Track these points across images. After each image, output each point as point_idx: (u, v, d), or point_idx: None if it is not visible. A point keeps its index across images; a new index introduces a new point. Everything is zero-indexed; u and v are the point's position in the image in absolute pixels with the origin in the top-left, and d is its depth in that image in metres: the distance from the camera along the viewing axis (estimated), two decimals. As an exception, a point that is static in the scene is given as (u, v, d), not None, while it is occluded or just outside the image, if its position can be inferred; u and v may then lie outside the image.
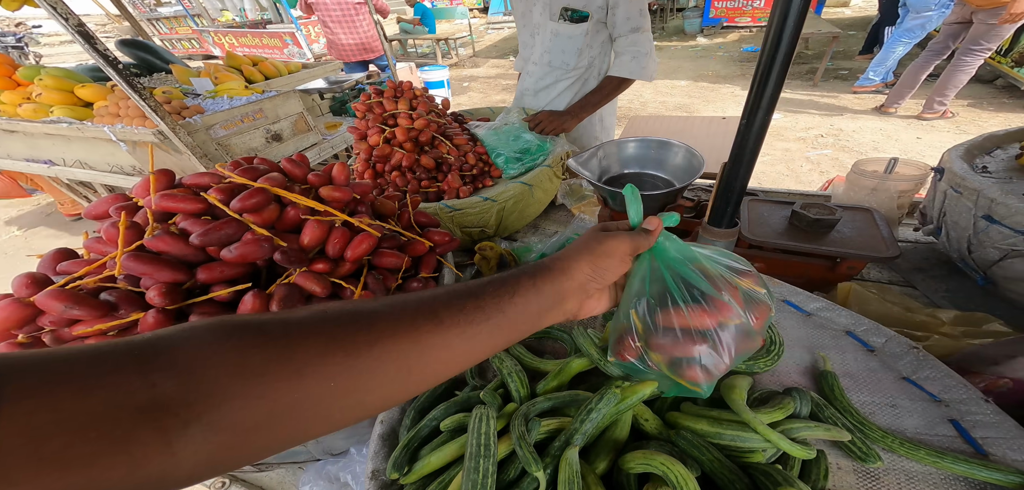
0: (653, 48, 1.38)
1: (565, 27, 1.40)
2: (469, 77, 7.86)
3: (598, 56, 1.49)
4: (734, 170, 0.62)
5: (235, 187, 0.62)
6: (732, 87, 5.54)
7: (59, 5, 1.23)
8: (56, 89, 1.84)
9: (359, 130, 1.33)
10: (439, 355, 0.33)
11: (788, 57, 0.52)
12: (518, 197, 1.21)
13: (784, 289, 0.70)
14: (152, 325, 0.54)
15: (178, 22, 9.52)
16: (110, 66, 1.35)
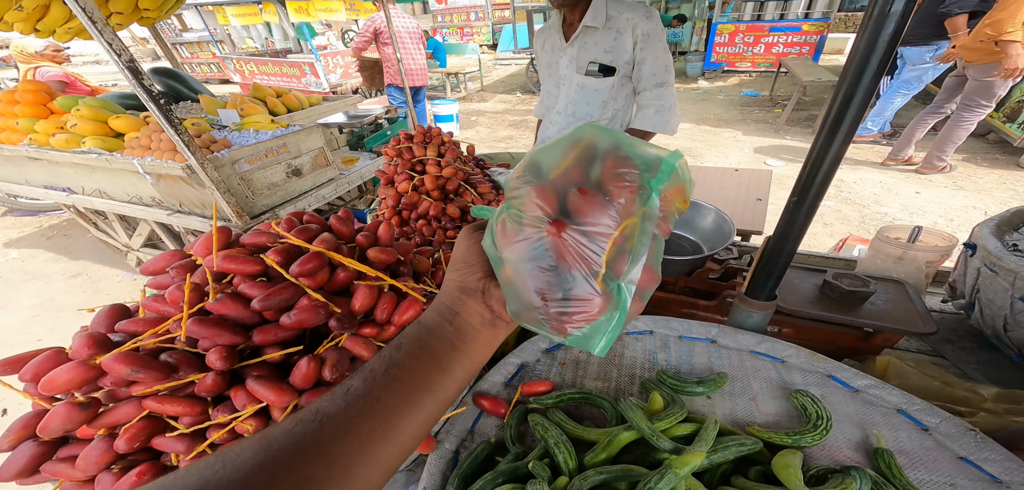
0: (676, 103, 1.44)
1: (591, 80, 1.46)
2: (477, 111, 8.10)
3: (622, 108, 1.55)
4: (779, 246, 0.63)
5: (291, 248, 0.63)
6: (734, 132, 5.70)
7: (114, 42, 1.29)
8: (91, 120, 1.90)
9: (387, 174, 1.36)
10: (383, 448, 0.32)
11: (847, 140, 0.53)
12: None
13: (828, 364, 0.70)
14: (210, 386, 0.54)
15: (201, 47, 9.91)
16: (152, 101, 1.40)
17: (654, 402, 0.66)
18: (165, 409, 0.53)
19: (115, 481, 0.52)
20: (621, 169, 0.27)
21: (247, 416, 0.54)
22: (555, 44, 1.54)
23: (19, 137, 2.06)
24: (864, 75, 0.48)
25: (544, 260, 0.30)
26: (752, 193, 1.78)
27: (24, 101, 2.05)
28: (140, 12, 2.08)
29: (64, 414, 0.51)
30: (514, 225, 0.31)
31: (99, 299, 3.14)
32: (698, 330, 0.80)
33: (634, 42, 1.36)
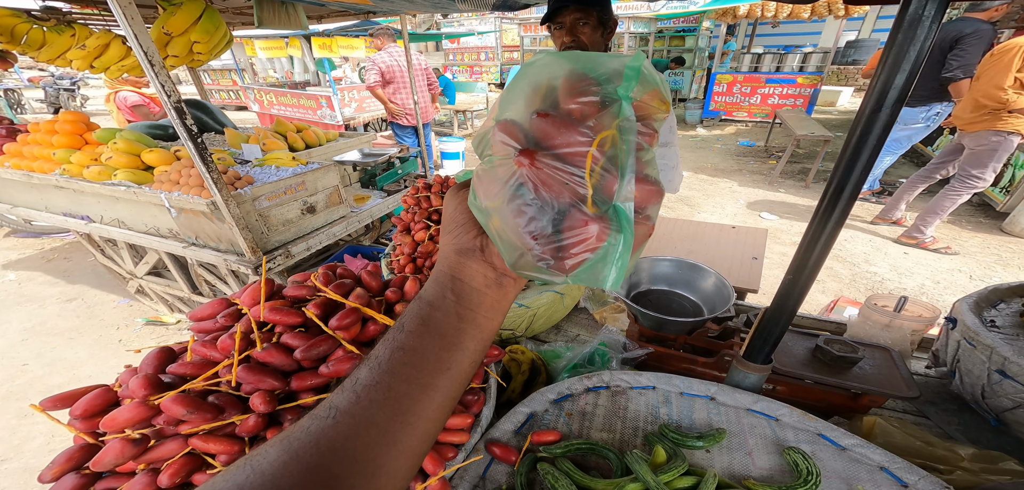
0: (680, 163, 1.54)
1: None
2: (481, 151, 8.37)
3: None
4: (776, 317, 0.70)
5: (327, 301, 0.70)
6: (730, 182, 5.89)
7: (166, 84, 1.40)
8: (126, 153, 2.01)
9: (404, 222, 1.44)
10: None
11: (840, 224, 0.58)
12: (550, 305, 1.27)
13: (818, 424, 0.75)
14: (251, 428, 0.59)
15: (222, 74, 10.33)
16: (191, 141, 1.50)
17: (657, 455, 0.71)
18: (208, 447, 0.57)
19: None
20: (579, 86, 0.26)
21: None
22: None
23: (53, 166, 2.17)
24: (854, 168, 0.55)
25: (525, 197, 0.27)
26: (748, 251, 1.86)
27: (62, 131, 2.18)
28: (193, 56, 2.24)
29: (118, 450, 0.55)
30: (489, 172, 0.29)
31: (93, 324, 3.15)
32: (698, 387, 0.85)
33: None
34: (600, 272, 0.27)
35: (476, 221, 0.34)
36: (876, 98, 0.51)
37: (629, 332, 1.16)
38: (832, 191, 0.58)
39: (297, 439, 0.29)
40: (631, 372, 0.92)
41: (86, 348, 2.90)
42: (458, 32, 13.08)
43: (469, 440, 0.76)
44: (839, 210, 0.58)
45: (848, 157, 0.55)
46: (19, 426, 2.29)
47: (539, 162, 0.26)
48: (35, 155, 2.22)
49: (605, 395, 0.89)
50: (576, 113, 0.26)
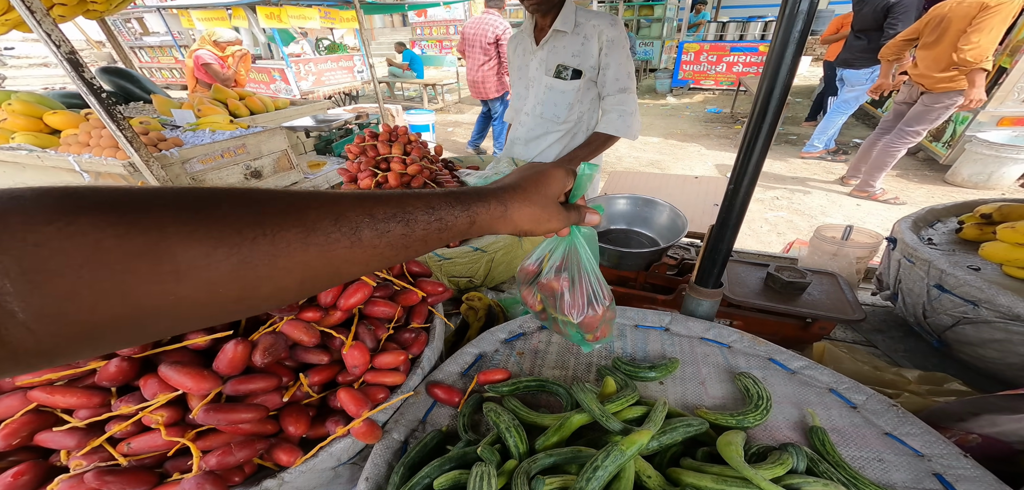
0: (637, 109, 1.50)
1: (558, 83, 1.50)
2: (454, 123, 8.11)
3: (587, 112, 1.59)
4: (721, 233, 0.66)
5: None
6: (698, 146, 6.00)
7: (53, 32, 1.20)
8: (24, 115, 1.75)
9: (350, 172, 1.33)
10: (343, 254, 0.31)
11: (772, 130, 0.57)
12: (508, 248, 1.23)
13: (769, 348, 0.73)
14: (112, 374, 0.49)
15: (163, 51, 9.44)
16: (92, 94, 1.31)
17: (607, 386, 0.67)
18: (57, 400, 0.47)
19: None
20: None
21: (157, 406, 0.49)
22: (526, 48, 1.58)
23: None
24: (782, 65, 0.53)
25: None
26: (710, 198, 1.87)
27: None
28: (86, 5, 1.96)
29: None
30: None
31: None
32: (652, 319, 0.82)
33: (599, 47, 1.42)
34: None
35: (555, 213, 0.50)
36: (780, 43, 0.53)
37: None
38: (764, 91, 0.56)
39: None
40: (585, 308, 0.88)
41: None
42: (425, 3, 12.39)
43: (404, 381, 0.69)
44: (773, 105, 0.55)
45: (777, 49, 0.53)
46: None
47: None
48: None
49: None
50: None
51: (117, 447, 0.49)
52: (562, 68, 1.48)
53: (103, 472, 0.46)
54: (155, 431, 0.49)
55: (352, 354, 0.63)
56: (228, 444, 0.50)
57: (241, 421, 0.51)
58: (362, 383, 0.67)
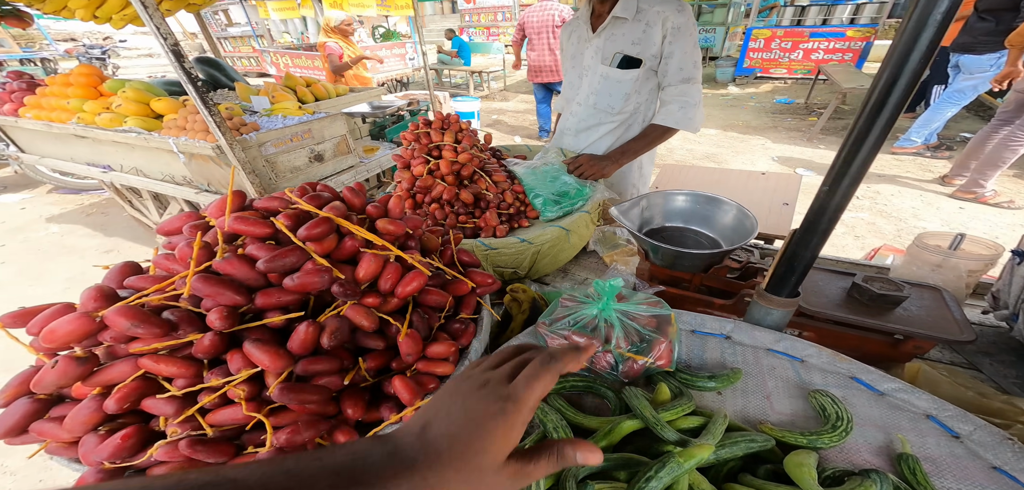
0: (701, 100, 1.38)
1: (616, 72, 1.43)
2: (498, 110, 8.12)
3: (644, 103, 1.51)
4: (805, 239, 0.59)
5: (301, 213, 0.64)
6: (762, 139, 5.49)
7: (161, 26, 1.36)
8: (135, 101, 2.01)
9: (404, 158, 1.38)
10: None
11: (889, 126, 0.49)
12: (555, 242, 1.20)
13: (852, 366, 0.65)
14: (207, 348, 0.55)
15: (243, 41, 10.40)
16: (190, 83, 1.47)
17: (661, 392, 0.64)
18: (160, 369, 0.53)
19: (99, 443, 0.52)
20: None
21: (240, 381, 0.54)
22: (581, 35, 1.52)
23: (69, 116, 2.21)
24: (914, 51, 0.45)
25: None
26: (779, 197, 1.70)
27: (77, 83, 2.21)
28: (190, 3, 2.18)
29: (60, 369, 0.51)
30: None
31: None
32: (712, 325, 0.76)
33: (663, 35, 1.32)
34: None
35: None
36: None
37: (639, 271, 1.07)
38: (887, 76, 0.47)
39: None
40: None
41: (121, 297, 3.07)
42: (475, -11, 12.41)
43: (453, 372, 0.71)
44: (896, 97, 0.47)
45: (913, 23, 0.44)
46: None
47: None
48: (53, 106, 2.27)
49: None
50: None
51: (205, 418, 0.54)
52: (621, 57, 1.40)
53: (194, 442, 0.52)
54: (237, 405, 0.54)
55: (407, 342, 0.65)
56: (296, 423, 0.54)
57: (309, 401, 0.55)
58: (414, 371, 0.69)
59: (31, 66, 7.64)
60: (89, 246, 3.71)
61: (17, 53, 7.48)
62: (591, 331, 0.73)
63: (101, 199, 4.56)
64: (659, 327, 0.72)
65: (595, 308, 0.75)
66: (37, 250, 3.65)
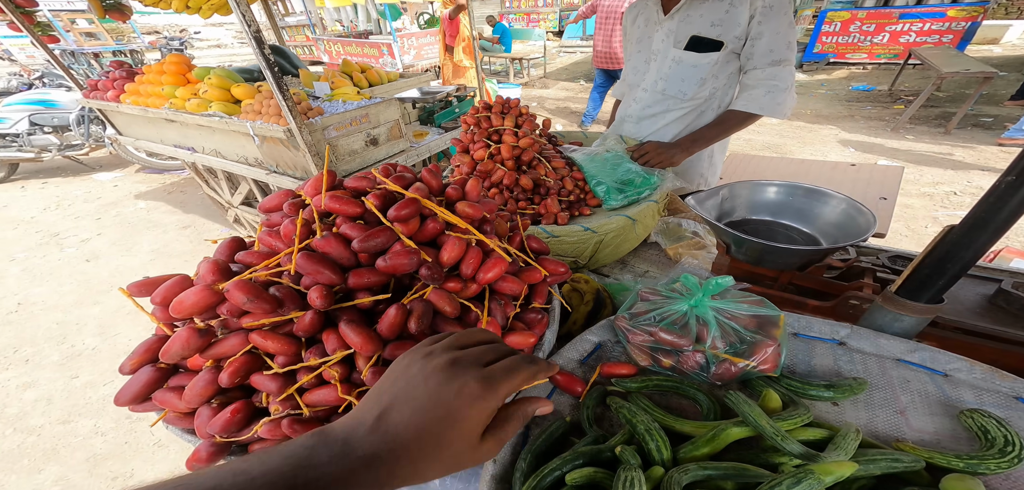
0: (793, 84, 1.24)
1: (690, 56, 1.32)
2: (538, 98, 7.99)
3: (722, 88, 1.38)
4: (969, 238, 0.50)
5: (387, 193, 0.64)
6: (833, 128, 4.97)
7: (247, 13, 1.44)
8: (218, 87, 2.18)
9: (463, 142, 1.37)
10: None
11: None
12: (619, 232, 1.15)
13: (1017, 384, 0.55)
14: (307, 326, 0.56)
15: (298, 30, 11.03)
16: (268, 69, 1.55)
17: (769, 399, 0.57)
18: (267, 344, 0.55)
19: (212, 415, 0.55)
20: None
21: (334, 362, 0.55)
22: (650, 17, 1.42)
23: (162, 102, 2.43)
24: None
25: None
26: (873, 191, 1.50)
27: (169, 71, 2.43)
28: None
29: (185, 338, 0.53)
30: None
31: (202, 249, 3.63)
32: (821, 329, 0.68)
33: (751, 14, 1.20)
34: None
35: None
36: None
37: (717, 266, 0.99)
38: None
39: None
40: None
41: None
42: (518, -27, 12.19)
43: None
44: None
45: None
46: (145, 336, 2.73)
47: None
48: (148, 93, 2.51)
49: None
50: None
51: (302, 397, 0.56)
52: (698, 39, 1.28)
53: (293, 420, 0.53)
54: (331, 386, 0.55)
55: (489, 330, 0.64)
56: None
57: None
58: (492, 356, 0.68)
59: (122, 57, 8.61)
60: (170, 221, 4.12)
61: (111, 46, 8.44)
62: (680, 329, 0.68)
63: (180, 179, 5.05)
64: (761, 328, 0.65)
65: (685, 304, 0.69)
66: (127, 223, 4.11)
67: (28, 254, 3.70)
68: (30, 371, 2.55)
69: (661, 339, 0.68)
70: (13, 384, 2.48)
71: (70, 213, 4.32)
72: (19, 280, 3.37)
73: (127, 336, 2.74)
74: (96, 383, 2.44)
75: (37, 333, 2.83)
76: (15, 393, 2.42)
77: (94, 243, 3.79)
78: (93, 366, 2.55)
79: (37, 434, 2.17)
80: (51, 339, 2.77)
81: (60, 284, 3.28)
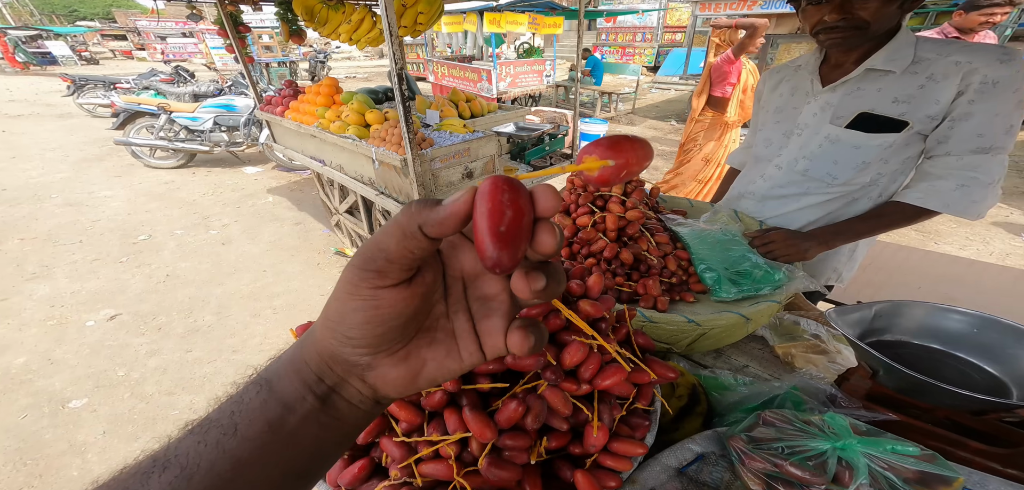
0: (1001, 178, 1.00)
1: (854, 136, 1.12)
2: (624, 133, 7.81)
3: (889, 176, 1.16)
4: None
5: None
6: (1005, 208, 4.00)
7: (397, 52, 1.66)
8: (356, 112, 2.54)
9: (564, 203, 1.37)
10: None
11: None
12: (728, 328, 1.05)
13: None
14: (435, 401, 0.60)
15: (412, 48, 12.43)
16: (402, 103, 1.76)
17: None
18: (399, 412, 0.60)
19: (341, 469, 0.61)
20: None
21: (450, 442, 0.58)
22: (799, 86, 1.26)
23: (313, 120, 2.89)
24: None
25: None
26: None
27: (322, 93, 2.90)
28: (416, 26, 2.66)
29: None
30: None
31: (308, 244, 4.10)
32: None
33: (960, 91, 0.97)
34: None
35: (379, 325, 0.26)
36: None
37: (851, 387, 0.85)
38: None
39: None
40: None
41: (299, 265, 3.73)
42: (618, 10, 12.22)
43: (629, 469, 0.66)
44: None
45: None
46: (250, 323, 2.96)
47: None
48: (304, 111, 3.01)
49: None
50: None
51: (417, 466, 0.60)
52: (869, 117, 1.08)
53: (407, 487, 0.58)
54: (444, 462, 0.58)
55: (599, 436, 0.63)
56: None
57: (508, 478, 0.56)
58: (595, 463, 0.66)
59: (282, 68, 10.69)
60: (287, 217, 4.80)
61: (279, 57, 10.60)
62: (814, 466, 0.60)
63: (301, 179, 5.89)
64: (924, 481, 0.55)
65: (826, 443, 0.61)
66: (257, 214, 4.80)
67: (184, 231, 4.28)
68: (159, 339, 2.79)
69: (789, 473, 0.61)
70: (144, 350, 2.70)
71: (219, 200, 5.15)
72: (173, 253, 3.88)
73: (237, 319, 3.00)
74: (202, 361, 2.61)
75: (173, 304, 3.14)
76: (142, 358, 2.63)
77: (230, 229, 4.42)
78: (206, 343, 2.75)
79: (146, 402, 2.34)
80: (181, 311, 3.06)
81: (199, 262, 3.74)
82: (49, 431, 2.19)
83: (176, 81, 7.90)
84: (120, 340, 2.80)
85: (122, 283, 3.42)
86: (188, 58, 17.79)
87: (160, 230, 4.33)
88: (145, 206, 4.90)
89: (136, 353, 2.69)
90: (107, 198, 5.09)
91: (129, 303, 3.17)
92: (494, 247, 0.22)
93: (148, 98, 5.91)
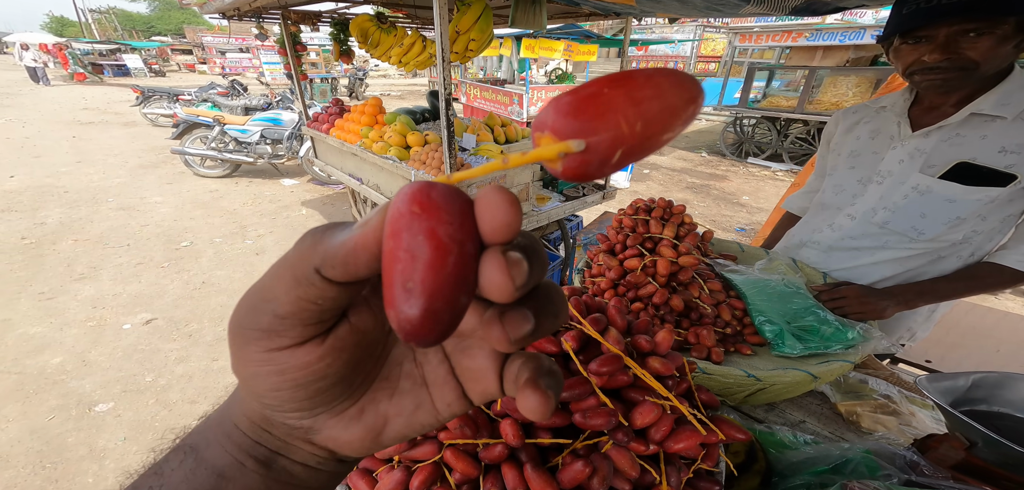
0: None
1: (949, 188, 1.00)
2: (652, 164, 7.73)
3: (987, 233, 1.04)
4: None
5: (581, 335, 0.64)
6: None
7: (447, 77, 1.69)
8: (398, 132, 2.62)
9: (609, 241, 1.33)
10: None
11: None
12: (792, 386, 0.98)
13: None
14: (495, 456, 0.57)
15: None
16: (447, 127, 1.80)
17: None
18: (455, 463, 0.57)
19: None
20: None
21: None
22: (881, 129, 1.14)
23: (356, 138, 3.00)
24: None
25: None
26: None
27: (366, 112, 3.01)
28: (467, 52, 2.71)
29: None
30: None
31: None
32: None
33: None
34: None
35: (317, 380, 0.20)
36: None
37: (940, 457, 0.76)
38: None
39: None
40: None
41: (327, 277, 3.92)
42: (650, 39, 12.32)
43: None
44: None
45: None
46: None
47: None
48: (348, 129, 3.15)
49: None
50: None
51: None
52: (969, 168, 0.98)
53: None
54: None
55: (667, 506, 0.58)
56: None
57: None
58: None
59: (324, 84, 11.40)
60: (319, 228, 4.97)
61: (322, 73, 11.37)
62: None
63: (334, 193, 6.09)
64: None
65: None
66: (290, 226, 4.96)
67: (223, 239, 4.38)
68: (189, 346, 2.81)
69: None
70: (173, 356, 2.72)
71: (257, 210, 5.36)
72: (211, 261, 3.95)
73: (263, 331, 3.21)
74: (226, 370, 2.58)
75: (206, 312, 3.17)
76: (171, 365, 2.64)
77: (265, 239, 4.55)
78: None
79: (169, 409, 2.34)
80: (213, 319, 3.08)
81: (234, 271, 3.79)
82: (73, 434, 2.20)
83: (231, 94, 8.51)
84: (152, 345, 2.86)
85: (161, 288, 3.52)
86: (242, 72, 19.30)
87: (201, 237, 4.52)
88: (190, 213, 5.17)
89: (165, 359, 2.73)
90: (157, 204, 5.41)
91: (165, 308, 3.25)
92: (405, 305, 0.14)
93: (206, 110, 6.36)
